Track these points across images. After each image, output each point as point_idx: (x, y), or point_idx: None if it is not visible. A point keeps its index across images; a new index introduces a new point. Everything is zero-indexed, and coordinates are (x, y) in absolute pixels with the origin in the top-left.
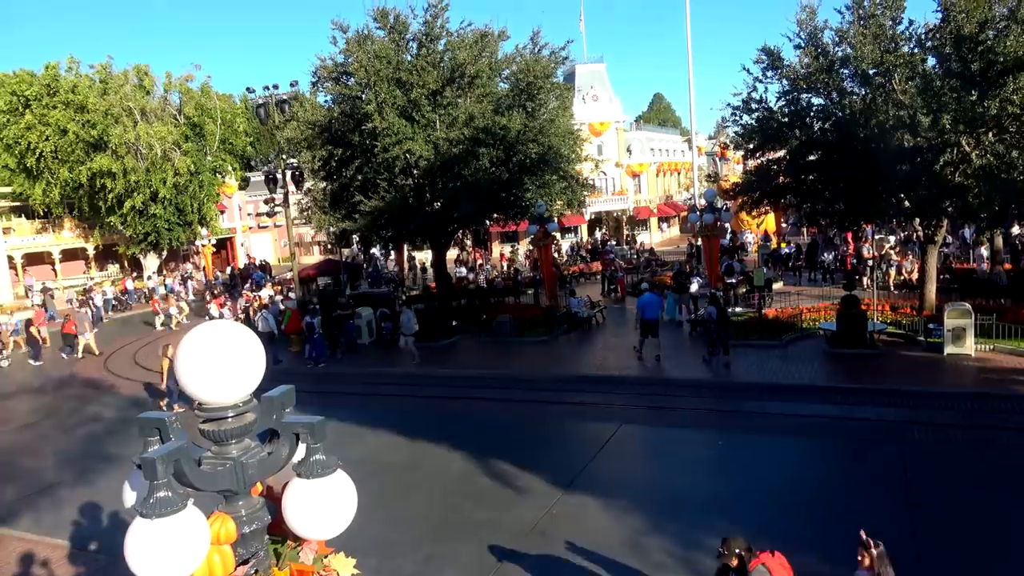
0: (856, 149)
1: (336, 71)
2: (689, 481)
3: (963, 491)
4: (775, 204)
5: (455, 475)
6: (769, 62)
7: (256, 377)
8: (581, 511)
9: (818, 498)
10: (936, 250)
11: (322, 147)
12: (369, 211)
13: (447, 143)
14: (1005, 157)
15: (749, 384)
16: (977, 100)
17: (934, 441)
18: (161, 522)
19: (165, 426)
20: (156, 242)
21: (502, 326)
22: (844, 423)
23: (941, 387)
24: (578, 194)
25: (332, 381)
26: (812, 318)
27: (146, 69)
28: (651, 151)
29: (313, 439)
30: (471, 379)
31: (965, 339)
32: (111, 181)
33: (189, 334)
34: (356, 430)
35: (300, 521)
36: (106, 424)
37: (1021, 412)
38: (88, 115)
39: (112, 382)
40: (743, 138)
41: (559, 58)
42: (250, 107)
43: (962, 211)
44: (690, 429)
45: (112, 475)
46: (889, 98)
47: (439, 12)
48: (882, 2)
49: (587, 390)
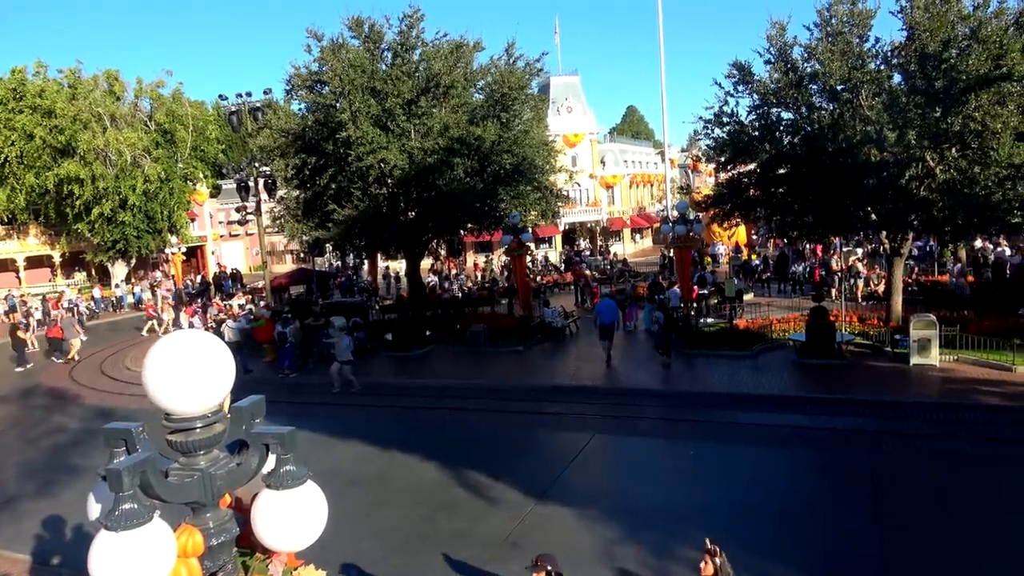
0: (824, 163)
1: (310, 79)
2: (662, 491)
3: (929, 500)
4: (746, 216)
5: (427, 486)
6: (740, 77)
7: (225, 388)
8: (554, 521)
9: (788, 507)
10: (902, 262)
11: (295, 155)
12: (343, 220)
13: (422, 153)
14: (968, 172)
15: (720, 394)
16: (941, 117)
17: (900, 450)
18: (126, 535)
19: (132, 437)
20: (125, 250)
21: (476, 336)
22: (813, 432)
23: (907, 397)
24: (552, 205)
25: (303, 391)
26: (782, 329)
27: (116, 74)
28: (624, 163)
29: (283, 450)
30: (444, 389)
31: (930, 350)
32: (79, 187)
33: (157, 344)
34: (327, 441)
35: (269, 533)
36: (73, 434)
37: (984, 422)
38: (56, 120)
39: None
40: (715, 151)
41: (534, 70)
42: (222, 114)
43: (927, 224)
44: (663, 439)
45: (76, 486)
46: (856, 113)
47: (414, 22)
48: (849, 20)
49: (560, 400)
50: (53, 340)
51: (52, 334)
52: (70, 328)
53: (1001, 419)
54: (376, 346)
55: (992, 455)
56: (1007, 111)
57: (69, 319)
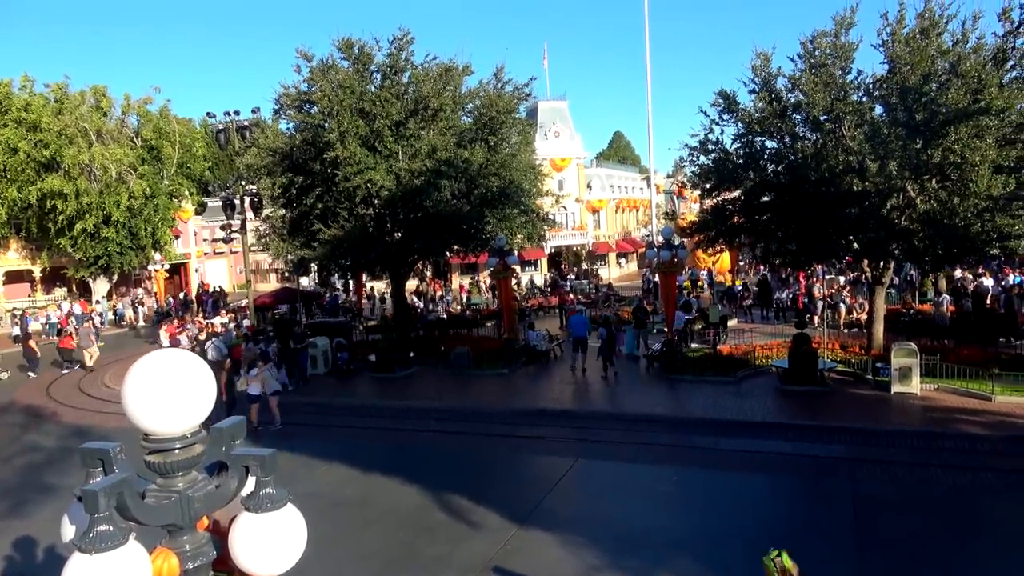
0: (808, 192)
1: (299, 99)
2: (644, 517)
3: (909, 528)
4: (730, 243)
5: (409, 509)
6: (725, 105)
7: (205, 407)
8: (536, 547)
9: (769, 533)
10: (884, 291)
11: (282, 174)
12: (328, 240)
13: (409, 174)
14: (947, 203)
15: (704, 420)
16: (921, 148)
17: (882, 478)
18: (100, 557)
19: (109, 457)
20: (107, 266)
21: (460, 358)
22: (795, 459)
23: (888, 425)
24: (538, 228)
25: (285, 412)
26: (765, 355)
27: (104, 90)
28: (611, 188)
29: (263, 472)
30: (428, 411)
31: (911, 378)
32: (62, 202)
33: (137, 362)
34: (308, 462)
35: (248, 557)
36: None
37: (964, 451)
38: (41, 135)
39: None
40: (700, 178)
41: (522, 94)
42: (210, 132)
43: (908, 254)
44: (646, 464)
45: (49, 506)
46: (839, 144)
47: (404, 45)
48: (832, 52)
49: (544, 424)
50: (63, 351)
51: (64, 344)
52: (87, 338)
53: (980, 448)
54: (359, 367)
55: (972, 484)
56: (985, 144)
57: (87, 329)
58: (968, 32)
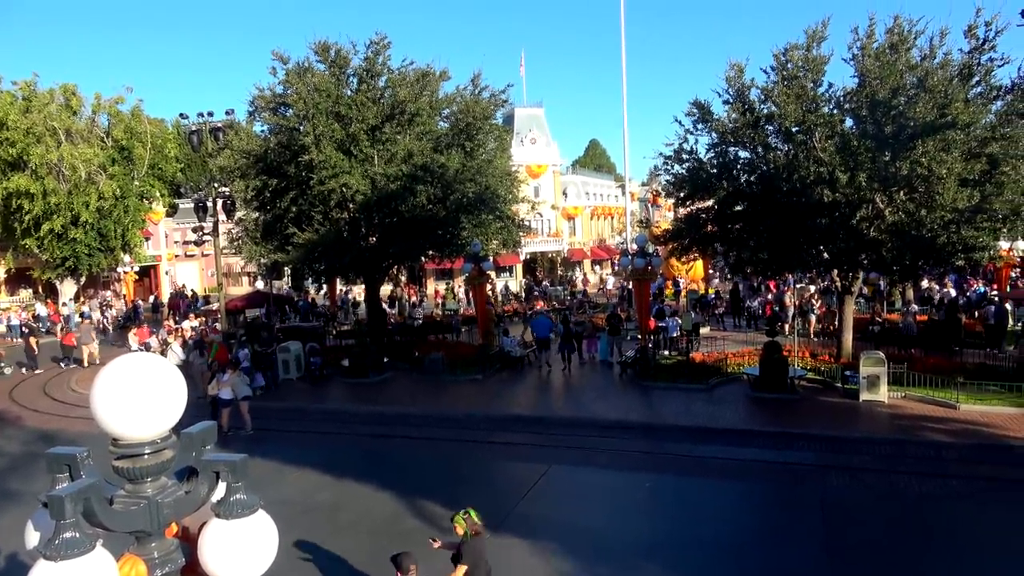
0: (779, 201)
1: (274, 101)
2: (617, 523)
3: (877, 533)
4: (703, 251)
5: (382, 515)
6: (699, 115)
7: (176, 412)
8: (509, 553)
9: (740, 540)
10: (853, 300)
11: (256, 177)
12: (302, 243)
13: (384, 179)
14: (915, 215)
15: (677, 427)
16: (890, 161)
17: (850, 484)
18: (66, 564)
19: (76, 463)
20: (75, 267)
21: (434, 363)
22: (766, 465)
23: (857, 432)
24: (514, 234)
25: (256, 417)
26: (736, 363)
27: (74, 89)
28: (586, 195)
29: (234, 478)
30: (401, 417)
31: (879, 386)
32: (29, 202)
33: (107, 366)
34: (279, 468)
35: (217, 564)
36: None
37: (930, 457)
38: (8, 133)
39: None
40: (674, 187)
41: (499, 100)
42: (182, 133)
43: (876, 264)
44: (619, 471)
45: (12, 512)
46: (810, 155)
47: (381, 49)
48: (804, 65)
49: (518, 430)
50: (65, 347)
51: (66, 341)
52: (87, 335)
53: (946, 455)
54: (332, 372)
55: (938, 490)
56: (951, 157)
57: (87, 326)
58: (936, 48)
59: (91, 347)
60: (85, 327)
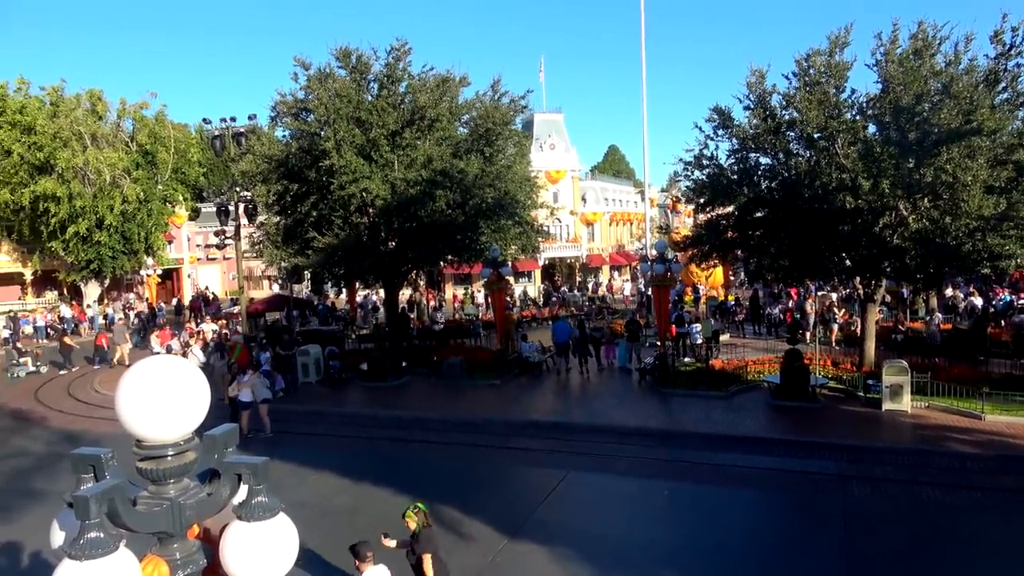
0: (801, 208)
1: (296, 107)
2: (635, 531)
3: (900, 545)
4: (723, 258)
5: (399, 520)
6: (720, 121)
7: (199, 415)
8: (526, 559)
9: (759, 549)
10: (875, 308)
11: (277, 181)
12: (322, 248)
13: (404, 184)
14: (939, 222)
15: (695, 434)
16: (914, 167)
17: (872, 495)
18: (90, 564)
19: (100, 463)
20: (99, 270)
21: (452, 368)
22: (786, 475)
23: (879, 442)
24: (532, 240)
25: (275, 419)
26: (757, 370)
27: (99, 94)
28: (605, 201)
29: (255, 480)
30: (419, 421)
31: (902, 396)
32: (55, 205)
33: (131, 368)
34: (298, 470)
35: (239, 566)
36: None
37: (953, 468)
38: (35, 137)
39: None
40: (694, 193)
41: (518, 106)
42: (205, 138)
43: (899, 272)
44: (637, 478)
45: (37, 511)
46: (832, 161)
47: (401, 55)
48: (827, 71)
49: (536, 436)
50: (98, 348)
51: (98, 342)
52: (121, 335)
53: (970, 466)
54: (351, 376)
55: (962, 502)
56: (977, 164)
57: (121, 326)
58: (961, 53)
59: (123, 348)
60: (119, 327)
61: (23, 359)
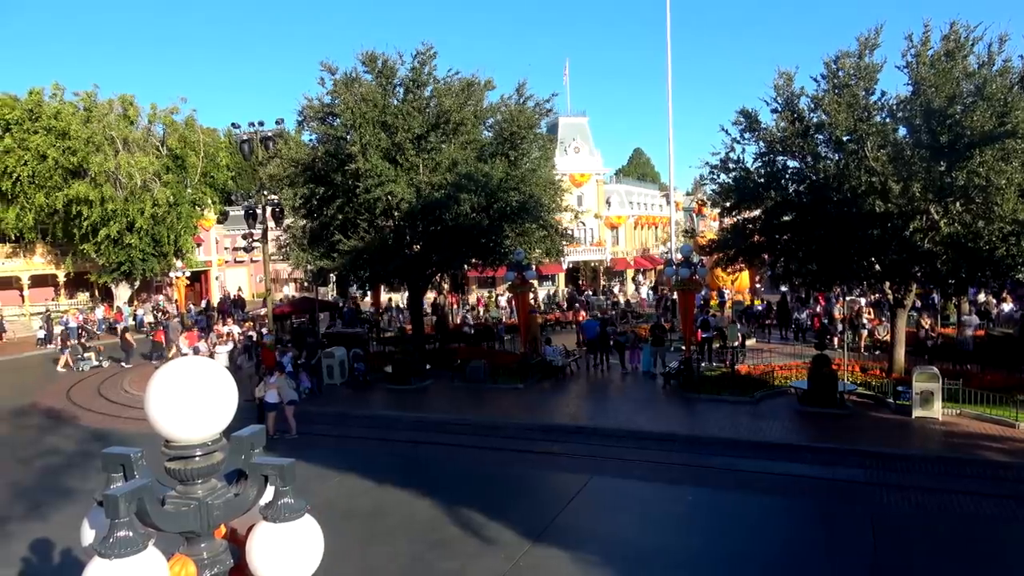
0: (829, 212)
1: (322, 111)
2: (658, 536)
3: (929, 555)
4: (750, 262)
5: (421, 522)
6: (747, 124)
7: (227, 415)
8: (549, 564)
9: (785, 558)
10: (905, 313)
11: (304, 185)
12: (348, 250)
13: (429, 187)
14: (972, 227)
15: (720, 439)
16: (945, 171)
17: (901, 503)
18: (120, 563)
19: (130, 462)
20: (129, 272)
21: (476, 371)
22: (813, 482)
23: (909, 449)
24: (556, 243)
25: (300, 421)
26: (783, 376)
27: (131, 99)
28: (630, 204)
29: (282, 482)
30: (442, 424)
31: (933, 403)
32: (88, 209)
33: (161, 369)
34: (322, 472)
35: (265, 566)
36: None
37: (986, 477)
38: (69, 142)
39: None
40: (720, 196)
41: (543, 110)
42: (234, 142)
43: (930, 276)
44: (660, 483)
45: (67, 509)
46: (862, 164)
47: (427, 59)
48: (856, 73)
49: (559, 440)
50: (156, 344)
51: (156, 338)
52: (176, 332)
53: (1003, 475)
54: (375, 378)
55: (994, 511)
56: (1011, 167)
57: (176, 324)
58: (994, 54)
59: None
60: (174, 325)
61: (87, 354)
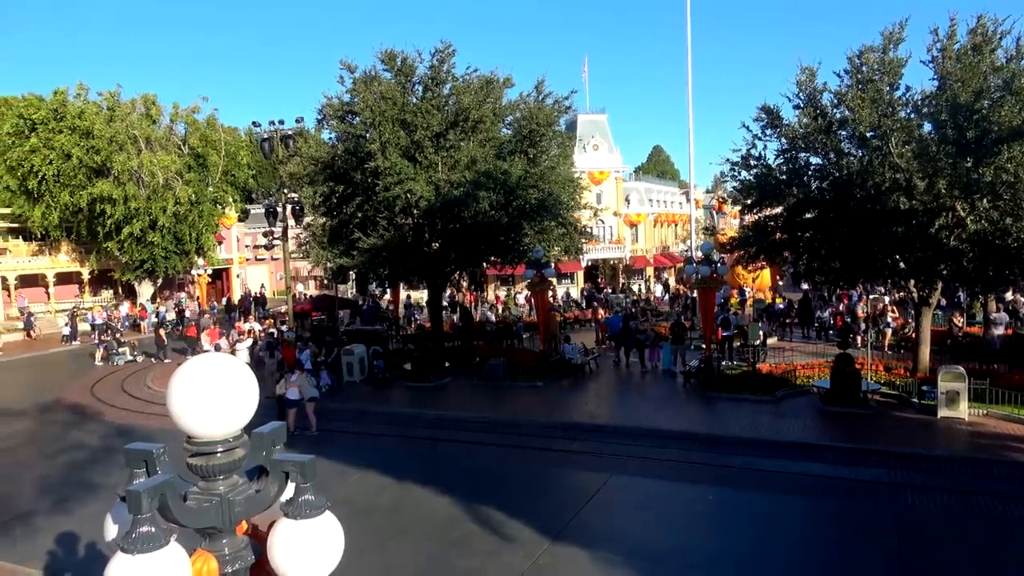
0: (852, 209)
1: (342, 110)
2: (678, 536)
3: (955, 557)
4: (771, 259)
5: (441, 520)
6: (768, 120)
7: (248, 412)
8: (569, 562)
9: (807, 560)
10: (931, 312)
11: (324, 183)
12: (367, 248)
13: (448, 185)
14: (999, 224)
15: (741, 439)
16: (972, 167)
17: (926, 505)
18: (143, 558)
19: (153, 458)
20: (152, 269)
21: (494, 369)
22: (836, 482)
23: (934, 450)
24: (576, 241)
25: (320, 418)
26: (806, 375)
27: (153, 99)
28: (649, 202)
29: (303, 478)
30: (461, 421)
31: (959, 403)
32: (111, 207)
33: (183, 365)
34: (341, 469)
35: (286, 562)
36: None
37: (1013, 479)
38: (93, 141)
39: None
40: (741, 193)
41: (562, 107)
42: (254, 140)
43: (956, 274)
44: (681, 482)
45: (91, 504)
46: (886, 161)
47: (446, 57)
48: (880, 68)
49: (578, 438)
50: (189, 339)
51: (189, 333)
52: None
53: None
54: (395, 375)
55: (1021, 512)
56: None
57: (207, 320)
58: (1023, 48)
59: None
60: (205, 321)
61: (122, 349)
